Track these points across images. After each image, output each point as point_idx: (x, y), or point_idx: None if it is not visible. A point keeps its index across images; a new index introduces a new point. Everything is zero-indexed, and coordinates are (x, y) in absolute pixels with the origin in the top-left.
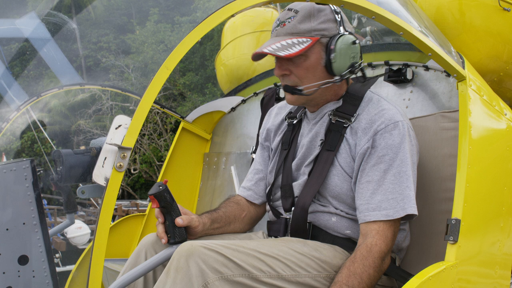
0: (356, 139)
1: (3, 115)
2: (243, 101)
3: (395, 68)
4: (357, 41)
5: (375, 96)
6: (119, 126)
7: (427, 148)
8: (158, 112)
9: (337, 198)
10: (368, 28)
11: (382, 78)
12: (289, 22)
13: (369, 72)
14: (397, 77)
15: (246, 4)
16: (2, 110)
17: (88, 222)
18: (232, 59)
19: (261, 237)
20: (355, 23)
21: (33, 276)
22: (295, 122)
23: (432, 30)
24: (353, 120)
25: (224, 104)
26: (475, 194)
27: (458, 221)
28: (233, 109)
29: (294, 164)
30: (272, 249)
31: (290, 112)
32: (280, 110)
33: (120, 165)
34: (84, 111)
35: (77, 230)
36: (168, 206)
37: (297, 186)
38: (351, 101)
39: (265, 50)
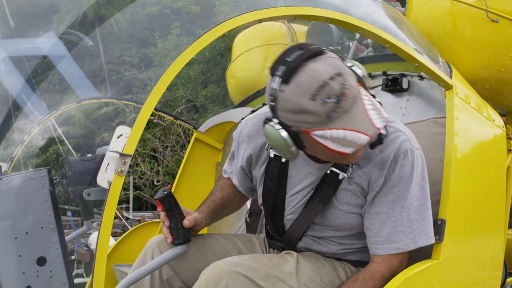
0: (370, 179)
1: (23, 128)
2: (253, 112)
3: (390, 78)
4: None
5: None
6: (121, 135)
7: None
8: (180, 125)
9: (341, 229)
10: (370, 40)
11: (380, 87)
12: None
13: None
14: (394, 87)
15: (236, 23)
16: (24, 123)
17: (113, 234)
18: (241, 72)
19: (262, 242)
20: (357, 35)
21: (51, 277)
22: (283, 160)
23: (421, 43)
24: (349, 173)
25: (235, 114)
26: (461, 196)
27: (443, 222)
28: (243, 119)
29: (286, 201)
30: (291, 268)
31: None
32: (250, 139)
33: (121, 170)
34: (108, 124)
35: None
36: (172, 209)
37: (286, 222)
38: None
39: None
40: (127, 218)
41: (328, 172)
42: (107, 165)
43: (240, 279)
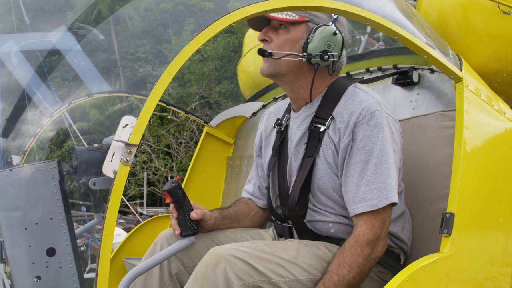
0: (340, 135)
1: (35, 121)
2: (264, 106)
3: (390, 71)
4: (337, 33)
5: (354, 89)
6: (126, 125)
7: (428, 146)
8: (194, 121)
9: (327, 195)
10: (381, 33)
11: (390, 81)
12: None
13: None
14: (404, 80)
15: (242, 14)
16: (36, 115)
17: (127, 230)
18: (252, 66)
19: (271, 234)
20: (368, 28)
21: (60, 267)
22: (282, 129)
23: (432, 35)
24: (327, 123)
25: (246, 109)
26: (470, 190)
27: (452, 215)
28: (254, 114)
29: (288, 171)
30: (291, 253)
31: (278, 119)
32: (270, 115)
33: (127, 159)
34: None
35: (116, 237)
36: (180, 201)
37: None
38: (327, 104)
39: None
40: (141, 214)
41: (313, 128)
42: (113, 155)
43: (238, 264)
